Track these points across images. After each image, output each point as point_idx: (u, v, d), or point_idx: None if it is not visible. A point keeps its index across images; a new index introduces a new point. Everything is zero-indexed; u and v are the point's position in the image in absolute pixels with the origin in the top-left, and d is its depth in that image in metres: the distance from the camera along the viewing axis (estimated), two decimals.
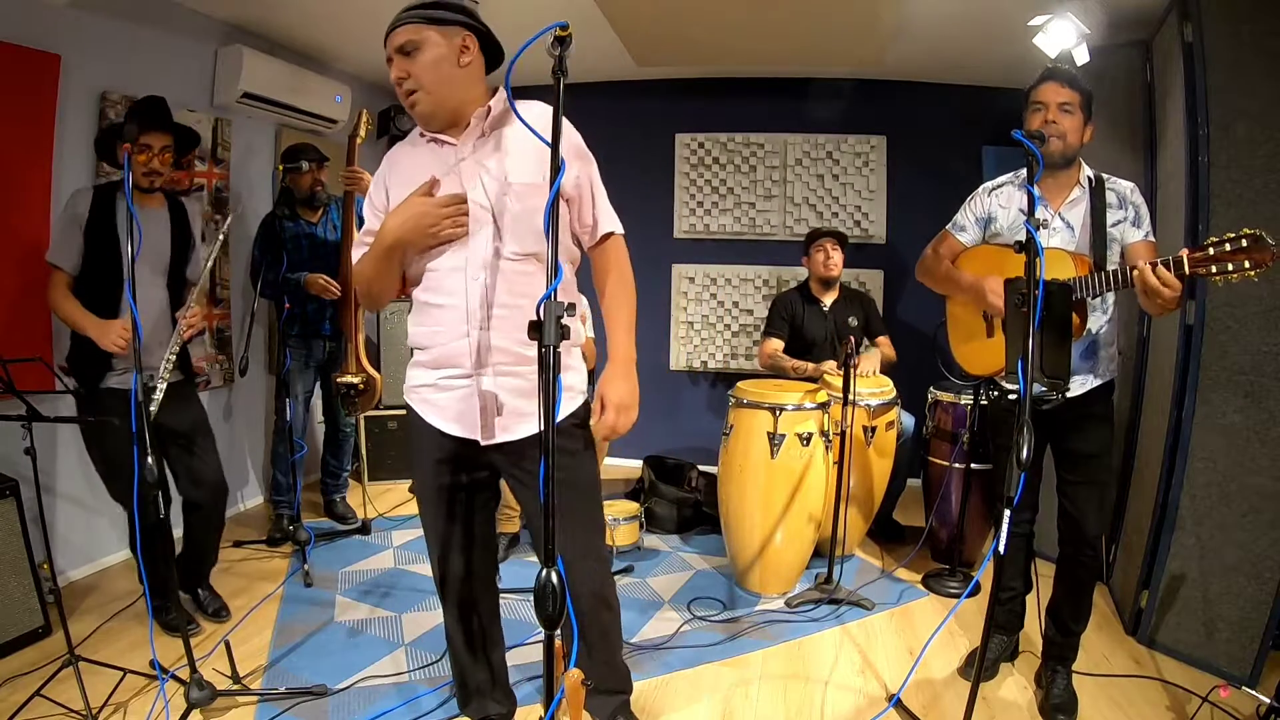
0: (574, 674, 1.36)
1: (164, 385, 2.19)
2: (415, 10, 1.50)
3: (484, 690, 1.82)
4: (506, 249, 1.55)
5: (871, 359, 3.18)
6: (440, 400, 1.62)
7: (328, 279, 3.05)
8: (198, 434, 2.43)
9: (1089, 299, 1.86)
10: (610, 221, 1.68)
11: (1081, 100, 1.92)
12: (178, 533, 2.52)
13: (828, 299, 3.41)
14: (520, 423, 1.59)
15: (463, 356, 1.57)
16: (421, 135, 1.63)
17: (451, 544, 1.69)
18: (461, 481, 1.66)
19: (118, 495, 2.39)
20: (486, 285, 1.53)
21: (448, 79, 1.52)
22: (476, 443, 1.60)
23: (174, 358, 2.25)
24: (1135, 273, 1.67)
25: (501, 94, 1.55)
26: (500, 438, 1.59)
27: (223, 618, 2.52)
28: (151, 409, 2.20)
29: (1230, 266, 1.57)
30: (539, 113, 1.57)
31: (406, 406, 1.70)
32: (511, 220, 1.54)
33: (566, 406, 1.64)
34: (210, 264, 2.41)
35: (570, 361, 1.67)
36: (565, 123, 1.59)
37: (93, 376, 2.26)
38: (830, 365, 3.13)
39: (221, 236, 2.47)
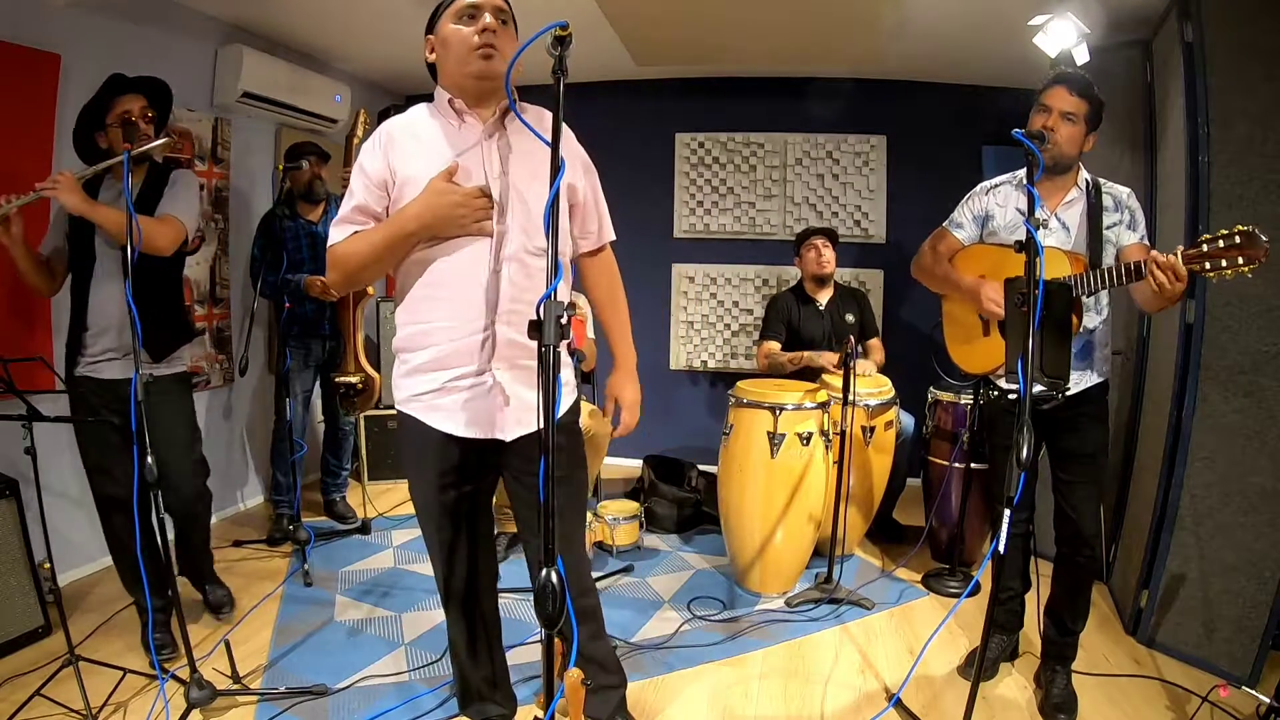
0: (574, 674, 1.36)
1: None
2: None
3: (485, 692, 1.82)
4: (532, 243, 1.54)
5: (866, 364, 3.16)
6: (448, 403, 1.56)
7: (326, 280, 3.03)
8: (174, 434, 2.24)
9: (1085, 297, 1.87)
10: (610, 230, 1.77)
11: (1089, 110, 1.91)
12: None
13: (823, 297, 3.40)
14: (531, 414, 1.53)
15: (473, 354, 1.53)
16: (451, 104, 1.56)
17: (457, 550, 1.67)
18: (466, 488, 1.63)
19: (98, 496, 2.26)
20: (507, 278, 1.52)
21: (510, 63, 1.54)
22: (486, 444, 1.57)
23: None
24: (1150, 259, 1.68)
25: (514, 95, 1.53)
26: (516, 432, 1.58)
27: (225, 615, 2.51)
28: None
29: (1224, 263, 1.60)
30: (536, 116, 1.58)
31: (400, 416, 1.61)
32: (536, 216, 1.53)
33: (567, 401, 1.66)
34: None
35: (565, 358, 1.67)
36: (570, 133, 1.60)
37: (68, 364, 2.21)
38: (827, 357, 3.12)
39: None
